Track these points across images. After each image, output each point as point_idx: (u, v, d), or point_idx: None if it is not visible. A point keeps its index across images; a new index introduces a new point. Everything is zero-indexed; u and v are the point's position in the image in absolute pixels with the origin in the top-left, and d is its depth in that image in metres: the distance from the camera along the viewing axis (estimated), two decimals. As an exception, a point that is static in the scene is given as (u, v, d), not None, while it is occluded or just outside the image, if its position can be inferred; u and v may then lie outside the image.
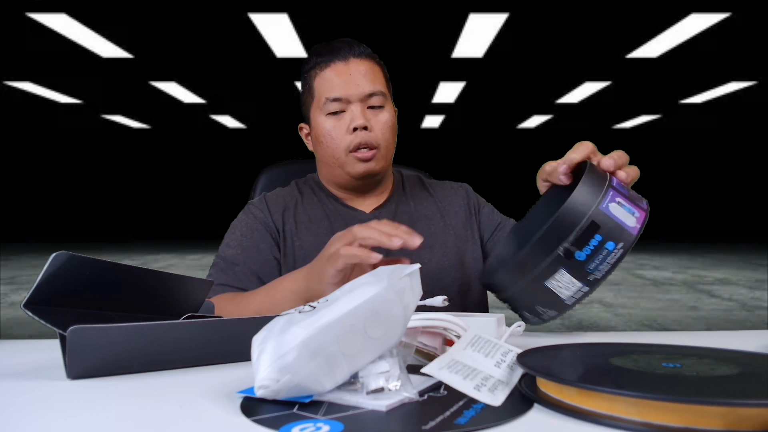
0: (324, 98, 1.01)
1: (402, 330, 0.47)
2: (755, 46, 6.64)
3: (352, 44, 1.03)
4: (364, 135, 0.99)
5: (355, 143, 0.99)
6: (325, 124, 1.01)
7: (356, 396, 0.44)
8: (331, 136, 1.01)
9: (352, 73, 1.00)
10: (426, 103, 10.09)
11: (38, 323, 3.55)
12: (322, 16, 5.73)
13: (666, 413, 0.38)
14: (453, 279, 1.04)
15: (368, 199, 1.09)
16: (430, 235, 1.06)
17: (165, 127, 13.03)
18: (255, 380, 0.44)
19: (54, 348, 0.70)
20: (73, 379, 0.54)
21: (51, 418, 0.43)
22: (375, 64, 1.05)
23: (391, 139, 1.04)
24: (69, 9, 5.43)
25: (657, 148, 14.21)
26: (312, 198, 1.10)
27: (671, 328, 3.96)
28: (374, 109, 1.02)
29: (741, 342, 0.67)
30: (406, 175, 1.19)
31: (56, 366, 0.60)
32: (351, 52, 1.02)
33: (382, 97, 1.02)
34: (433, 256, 1.05)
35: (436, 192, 1.15)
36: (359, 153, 1.00)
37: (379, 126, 1.01)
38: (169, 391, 0.51)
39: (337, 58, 1.01)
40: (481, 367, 0.49)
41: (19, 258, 9.11)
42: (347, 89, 1.00)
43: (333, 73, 1.01)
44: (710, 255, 9.30)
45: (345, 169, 1.02)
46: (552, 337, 0.78)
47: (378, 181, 1.07)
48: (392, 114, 1.04)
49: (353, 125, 0.99)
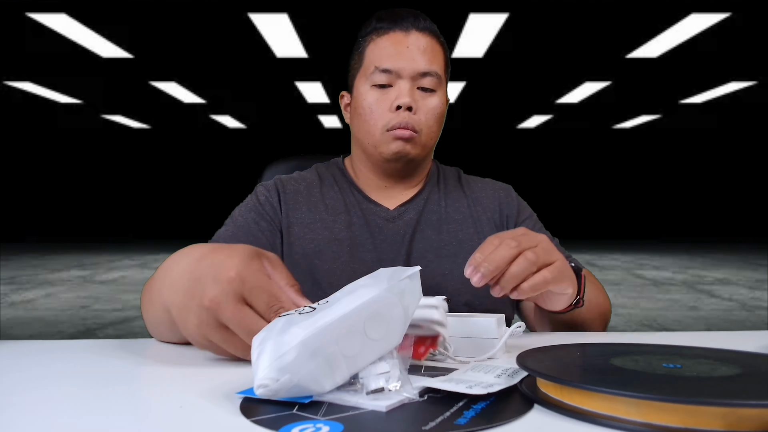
0: (373, 67, 0.91)
1: (401, 332, 0.47)
2: (755, 46, 6.64)
3: (418, 16, 0.93)
4: (406, 116, 0.89)
5: (395, 123, 0.90)
6: (367, 96, 0.92)
7: (356, 396, 0.44)
8: (371, 110, 0.91)
9: (410, 45, 0.91)
10: (426, 103, 10.08)
11: (38, 323, 3.51)
12: (322, 16, 5.73)
13: (666, 414, 0.38)
14: (475, 293, 0.90)
15: (396, 190, 0.99)
16: (457, 242, 0.95)
17: (165, 127, 13.04)
18: (254, 380, 0.44)
19: (54, 348, 0.70)
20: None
21: (51, 418, 0.43)
22: (438, 43, 0.94)
23: (435, 128, 0.93)
24: (69, 9, 5.43)
25: (657, 148, 14.21)
26: (333, 186, 1.00)
27: (671, 328, 3.96)
28: (425, 92, 0.92)
29: (741, 342, 0.67)
30: (443, 167, 1.07)
31: (56, 366, 0.60)
32: (415, 25, 0.92)
33: (437, 79, 0.92)
34: (455, 267, 0.93)
35: (472, 192, 1.03)
36: (397, 131, 0.90)
37: (426, 110, 0.91)
38: (169, 391, 0.51)
39: (398, 27, 0.92)
40: (481, 379, 0.49)
41: (19, 258, 9.11)
42: (400, 62, 0.90)
43: (389, 42, 0.91)
44: (710, 255, 9.30)
45: (378, 148, 0.92)
46: (552, 337, 0.78)
47: (412, 169, 0.97)
48: (443, 102, 0.94)
49: (397, 102, 0.89)
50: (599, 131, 13.75)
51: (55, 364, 0.61)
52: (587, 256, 9.36)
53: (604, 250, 10.33)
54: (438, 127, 0.95)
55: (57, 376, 0.56)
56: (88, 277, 6.80)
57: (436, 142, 0.97)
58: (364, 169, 1.00)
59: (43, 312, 4.62)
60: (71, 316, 4.46)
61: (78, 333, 3.84)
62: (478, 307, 0.92)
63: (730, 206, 14.44)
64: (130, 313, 4.58)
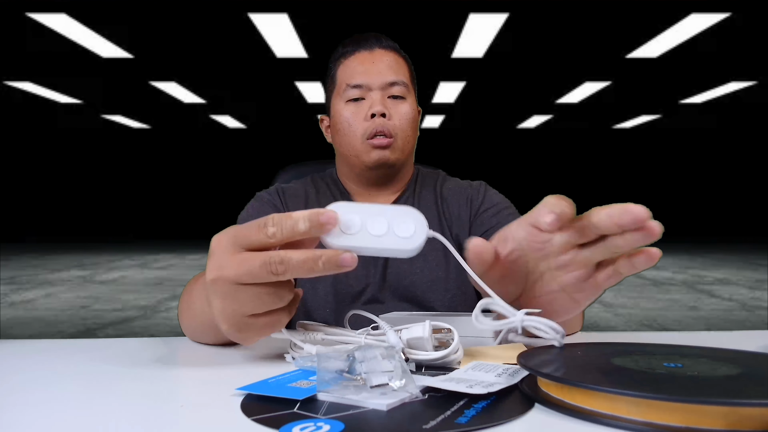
0: (345, 84, 1.00)
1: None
2: (755, 46, 6.64)
3: (380, 37, 1.04)
4: (381, 122, 0.97)
5: (372, 130, 0.97)
6: (344, 111, 1.00)
7: (357, 393, 0.44)
8: (349, 123, 0.99)
9: (375, 61, 1.00)
10: (426, 103, 10.10)
11: (38, 323, 3.51)
12: (322, 16, 5.73)
13: (667, 413, 0.38)
14: (444, 291, 0.98)
15: (381, 196, 1.06)
16: (427, 241, 0.99)
17: (165, 127, 13.04)
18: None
19: (54, 348, 0.70)
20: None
21: (51, 418, 0.43)
22: (400, 57, 1.04)
23: (409, 132, 1.01)
24: (69, 9, 5.43)
25: (657, 148, 14.21)
26: (326, 194, 1.06)
27: (671, 328, 3.96)
28: (395, 99, 1.00)
29: (741, 342, 0.67)
30: (424, 172, 1.13)
31: (56, 366, 0.60)
32: (377, 43, 1.02)
33: (404, 87, 1.00)
34: (425, 266, 0.98)
35: (443, 192, 1.08)
36: (375, 140, 0.97)
37: (399, 116, 0.99)
38: (170, 390, 0.51)
39: (362, 48, 1.01)
40: (481, 378, 0.49)
41: (19, 258, 9.11)
42: (369, 76, 0.99)
43: (357, 61, 1.01)
44: (710, 255, 9.30)
45: (360, 158, 0.99)
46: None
47: (393, 174, 1.04)
48: (413, 108, 1.02)
49: (372, 111, 0.97)
50: (599, 131, 13.75)
51: (55, 364, 0.61)
52: (587, 256, 9.35)
53: (604, 250, 10.32)
54: (412, 132, 1.02)
55: (57, 376, 0.56)
56: (88, 277, 6.80)
57: (413, 147, 1.04)
58: (350, 183, 1.07)
59: (43, 312, 4.62)
60: (71, 316, 4.46)
61: (78, 333, 3.84)
62: (448, 306, 0.96)
63: (730, 206, 14.44)
64: (130, 313, 4.58)
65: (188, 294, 0.71)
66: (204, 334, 0.69)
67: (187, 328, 0.73)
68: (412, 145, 1.03)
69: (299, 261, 0.48)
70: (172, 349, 0.69)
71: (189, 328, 0.72)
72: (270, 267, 0.48)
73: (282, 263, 0.47)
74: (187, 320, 0.72)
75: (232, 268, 0.49)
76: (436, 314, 0.66)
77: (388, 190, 1.06)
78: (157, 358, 0.64)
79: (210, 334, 0.67)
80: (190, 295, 0.70)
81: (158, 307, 4.86)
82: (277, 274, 0.48)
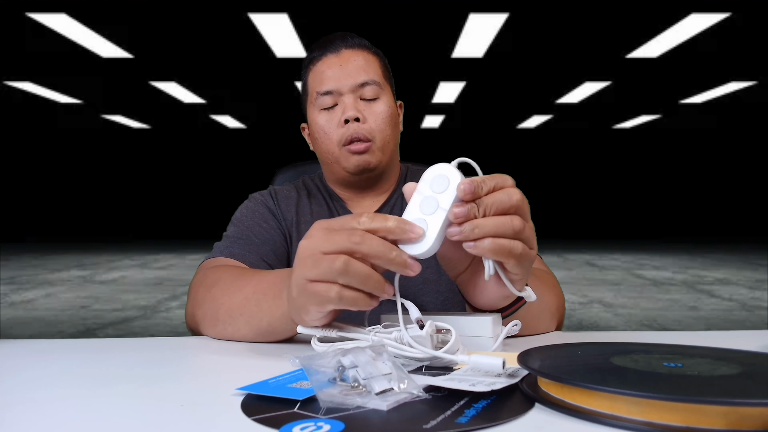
0: (315, 93, 0.96)
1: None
2: (755, 46, 6.65)
3: (345, 36, 0.99)
4: (356, 127, 0.94)
5: (347, 136, 0.94)
6: (318, 120, 0.97)
7: (361, 398, 0.44)
8: (324, 131, 0.96)
9: (343, 64, 0.95)
10: (426, 103, 10.10)
11: (38, 323, 3.51)
12: (322, 16, 5.73)
13: (668, 412, 0.38)
14: (436, 293, 0.96)
15: (368, 197, 1.03)
16: None
17: (165, 127, 13.03)
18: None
19: (54, 348, 0.70)
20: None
21: (51, 418, 0.43)
22: (370, 54, 0.99)
23: (388, 131, 0.97)
24: (69, 9, 5.44)
25: (657, 148, 14.21)
26: (317, 196, 1.05)
27: (671, 328, 3.96)
28: (369, 101, 0.96)
29: (741, 342, 0.67)
30: (413, 170, 1.10)
31: (56, 366, 0.60)
32: (343, 44, 0.97)
33: (377, 87, 0.96)
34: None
35: None
36: (352, 146, 0.94)
37: (373, 117, 0.95)
38: (170, 389, 0.51)
39: (329, 51, 0.97)
40: (482, 378, 0.49)
41: (19, 258, 9.11)
42: (338, 81, 0.95)
43: (324, 67, 0.96)
44: (710, 255, 9.30)
45: (341, 164, 0.97)
46: (552, 336, 0.78)
47: (377, 176, 1.01)
48: (390, 105, 0.98)
49: (344, 117, 0.93)
50: (599, 131, 13.75)
51: (55, 364, 0.61)
52: (587, 256, 9.37)
53: (604, 250, 10.33)
54: (391, 129, 0.98)
55: (57, 376, 0.56)
56: (88, 277, 6.80)
57: (395, 144, 1.00)
58: (336, 187, 1.05)
59: (43, 312, 4.62)
60: (71, 316, 4.46)
61: (78, 333, 3.84)
62: (441, 309, 0.95)
63: (730, 206, 14.44)
64: (130, 313, 4.58)
65: (214, 285, 0.76)
66: (252, 318, 0.69)
67: (212, 318, 0.75)
68: (393, 144, 1.00)
69: (377, 241, 0.53)
70: (173, 349, 0.69)
71: (217, 318, 0.74)
72: (351, 237, 0.53)
73: (362, 237, 0.53)
74: (215, 310, 0.74)
75: (319, 237, 0.55)
76: (437, 314, 0.65)
77: (376, 192, 1.03)
78: (157, 358, 0.64)
79: (260, 316, 0.68)
80: (219, 285, 0.75)
81: (158, 307, 4.86)
82: (354, 243, 0.53)
